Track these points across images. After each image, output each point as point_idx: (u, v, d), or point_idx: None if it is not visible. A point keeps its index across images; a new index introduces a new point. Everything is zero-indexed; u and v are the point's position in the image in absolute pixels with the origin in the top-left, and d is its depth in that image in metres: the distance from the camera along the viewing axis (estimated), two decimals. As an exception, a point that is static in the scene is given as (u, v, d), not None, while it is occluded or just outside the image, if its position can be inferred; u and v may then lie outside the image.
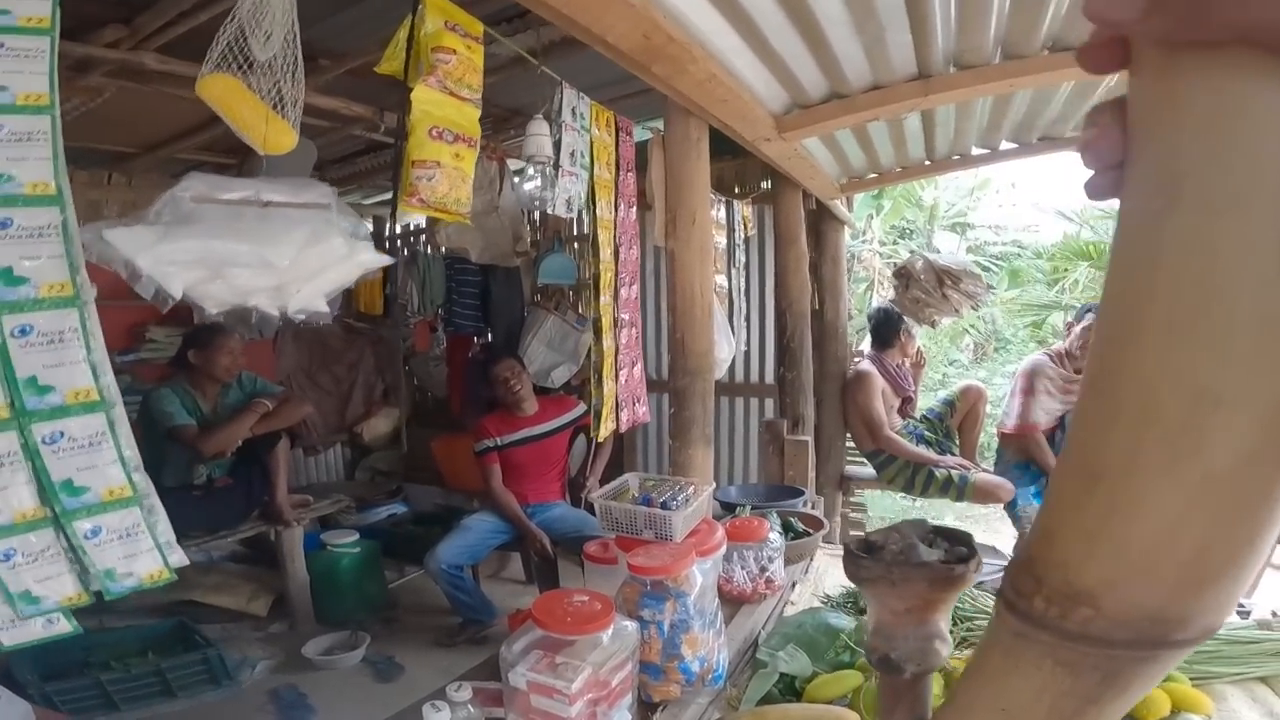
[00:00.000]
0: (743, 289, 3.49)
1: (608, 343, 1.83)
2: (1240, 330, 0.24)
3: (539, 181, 1.65)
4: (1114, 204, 0.29)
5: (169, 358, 3.69)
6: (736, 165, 3.91)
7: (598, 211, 1.80)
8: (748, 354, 4.32)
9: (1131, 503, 0.28)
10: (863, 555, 0.45)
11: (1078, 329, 3.35)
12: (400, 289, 4.56)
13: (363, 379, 4.63)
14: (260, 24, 1.11)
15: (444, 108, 1.33)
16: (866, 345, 4.01)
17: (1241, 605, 1.80)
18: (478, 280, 4.49)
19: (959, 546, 0.45)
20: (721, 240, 3.09)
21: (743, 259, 3.47)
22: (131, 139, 3.68)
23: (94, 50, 2.37)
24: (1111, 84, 2.44)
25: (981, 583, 2.04)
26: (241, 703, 2.81)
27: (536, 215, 4.39)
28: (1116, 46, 0.28)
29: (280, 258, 1.25)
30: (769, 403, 4.20)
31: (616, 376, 1.90)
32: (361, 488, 4.85)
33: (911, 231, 12.09)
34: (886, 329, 3.80)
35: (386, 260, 1.45)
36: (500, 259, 4.06)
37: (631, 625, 1.33)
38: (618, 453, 4.14)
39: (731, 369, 4.35)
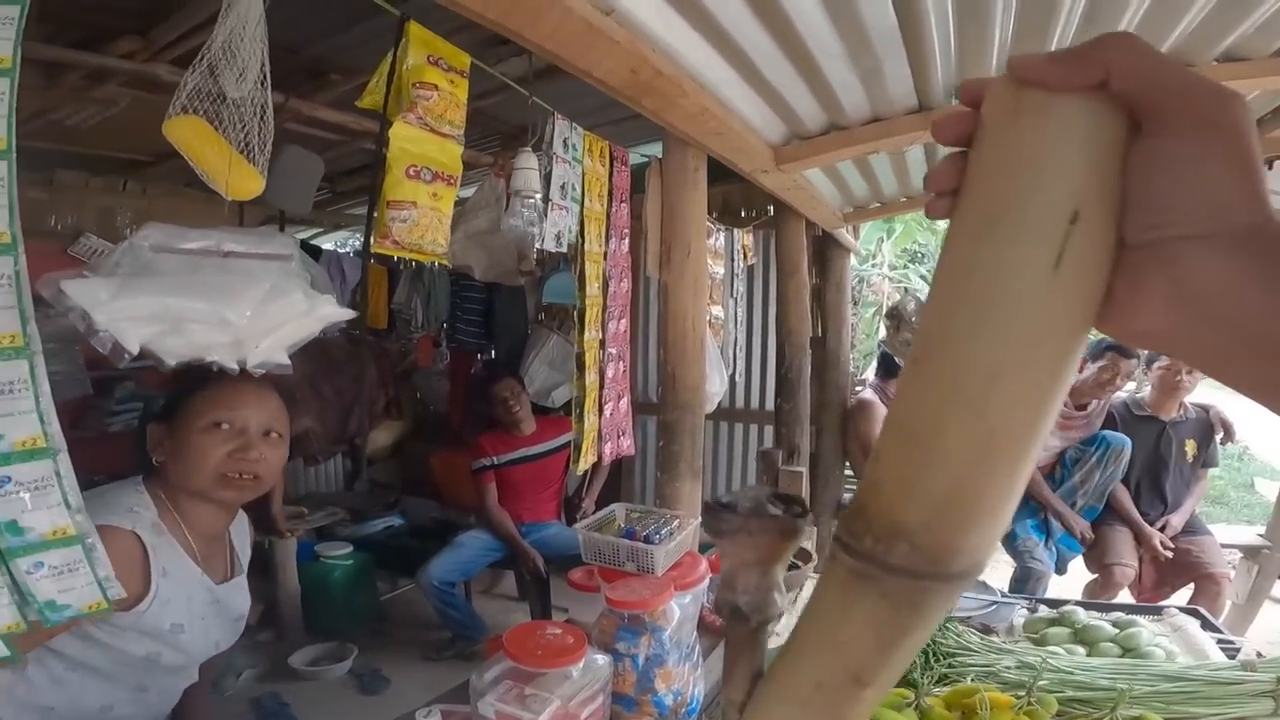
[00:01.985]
0: (740, 318, 3.47)
1: (591, 377, 1.81)
2: (1019, 321, 0.34)
3: (525, 215, 1.64)
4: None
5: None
6: (742, 189, 3.90)
7: (586, 245, 1.77)
8: (747, 381, 4.30)
9: (939, 456, 0.36)
10: (724, 508, 0.48)
11: (1093, 367, 3.23)
12: (404, 304, 4.58)
13: (365, 392, 4.63)
14: (234, 62, 1.11)
15: (424, 145, 1.30)
16: (870, 372, 3.98)
17: (1231, 643, 1.77)
18: (482, 297, 4.52)
19: (795, 505, 0.49)
20: (720, 269, 3.07)
21: (742, 289, 3.45)
22: (146, 147, 3.75)
23: (109, 61, 2.43)
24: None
25: (968, 618, 2.02)
26: (224, 709, 2.82)
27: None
28: (967, 121, 0.37)
29: (237, 315, 1.23)
30: (768, 430, 4.18)
31: (601, 410, 1.88)
32: (360, 499, 4.87)
33: (923, 255, 11.97)
34: (893, 359, 3.78)
35: (348, 314, 1.45)
36: (504, 277, 4.07)
37: (603, 659, 1.32)
38: (614, 476, 4.13)
39: (731, 395, 4.34)
